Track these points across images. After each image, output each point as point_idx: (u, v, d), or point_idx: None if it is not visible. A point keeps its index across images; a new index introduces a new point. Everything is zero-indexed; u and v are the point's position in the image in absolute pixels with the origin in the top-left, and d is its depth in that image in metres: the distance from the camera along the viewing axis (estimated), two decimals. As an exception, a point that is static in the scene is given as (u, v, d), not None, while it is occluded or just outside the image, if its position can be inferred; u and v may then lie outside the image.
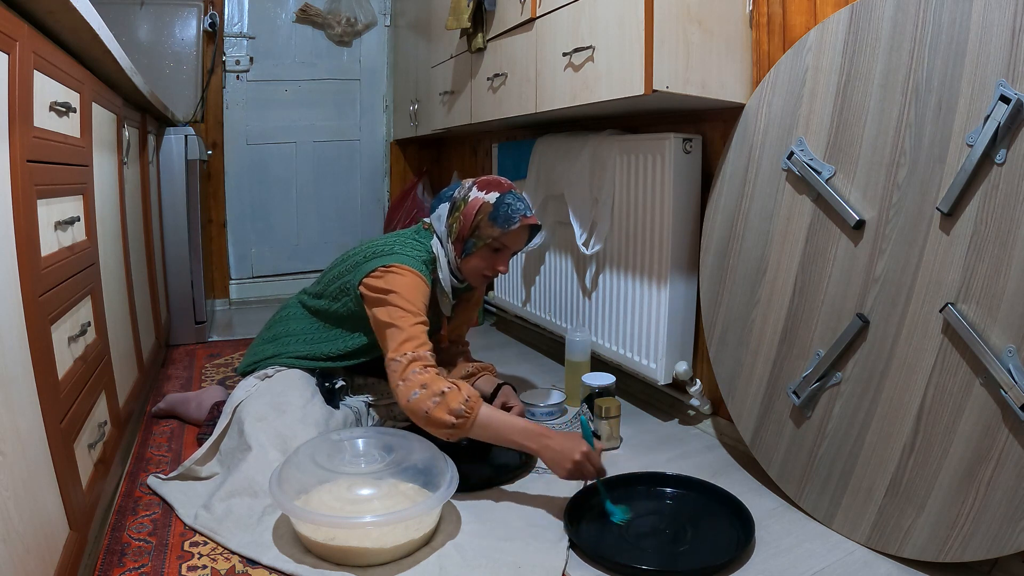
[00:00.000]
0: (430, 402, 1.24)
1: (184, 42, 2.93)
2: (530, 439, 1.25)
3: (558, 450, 1.23)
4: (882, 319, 1.17)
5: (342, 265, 1.53)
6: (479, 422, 1.25)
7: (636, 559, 1.14)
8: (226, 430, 1.41)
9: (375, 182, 3.47)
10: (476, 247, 1.48)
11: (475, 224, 1.47)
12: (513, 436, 1.26)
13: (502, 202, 1.47)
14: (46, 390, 0.91)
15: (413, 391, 1.25)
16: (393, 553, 1.11)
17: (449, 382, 1.27)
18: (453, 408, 1.23)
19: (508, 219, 1.46)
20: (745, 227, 1.44)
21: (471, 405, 1.24)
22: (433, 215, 1.56)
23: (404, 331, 1.32)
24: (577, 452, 1.22)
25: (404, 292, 1.37)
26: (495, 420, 1.26)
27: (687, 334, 1.69)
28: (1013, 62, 0.98)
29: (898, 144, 1.14)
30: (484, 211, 1.47)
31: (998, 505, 0.99)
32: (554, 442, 1.24)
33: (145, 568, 1.09)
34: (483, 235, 1.47)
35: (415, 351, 1.30)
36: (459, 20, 2.07)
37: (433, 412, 1.23)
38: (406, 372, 1.27)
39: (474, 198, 1.49)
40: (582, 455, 1.22)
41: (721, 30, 1.45)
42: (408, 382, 1.26)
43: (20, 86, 0.86)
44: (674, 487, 1.36)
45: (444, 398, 1.24)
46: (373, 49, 3.35)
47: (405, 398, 1.26)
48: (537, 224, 1.54)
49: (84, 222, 1.22)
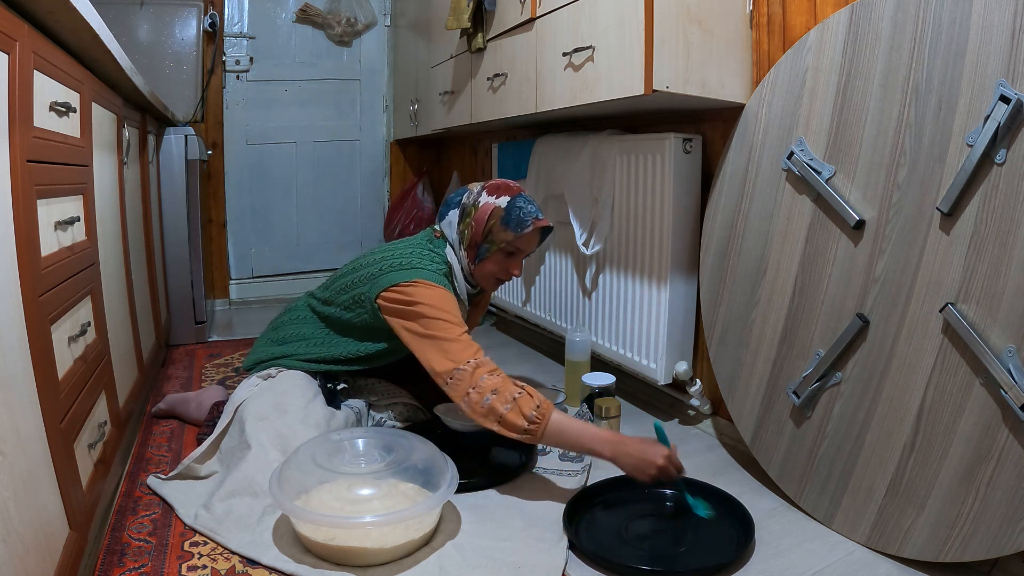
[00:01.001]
0: (503, 408, 1.24)
1: (184, 42, 2.93)
2: (605, 446, 1.25)
3: (638, 456, 1.23)
4: (882, 319, 1.17)
5: (354, 275, 1.50)
6: (551, 428, 1.25)
7: (636, 560, 1.14)
8: (227, 429, 1.41)
9: (375, 182, 3.47)
10: (489, 252, 1.48)
11: (488, 229, 1.47)
12: (587, 442, 1.25)
13: (514, 206, 1.47)
14: (46, 390, 0.91)
15: (485, 397, 1.25)
16: (393, 553, 1.11)
17: (519, 386, 1.27)
18: (526, 414, 1.24)
19: (521, 222, 1.46)
20: (745, 227, 1.44)
21: (542, 412, 1.25)
22: (443, 222, 1.55)
23: (456, 341, 1.31)
24: (660, 457, 1.22)
25: (437, 303, 1.36)
26: (568, 427, 1.26)
27: (687, 334, 1.69)
28: (1013, 62, 0.98)
29: (898, 144, 1.14)
30: (496, 216, 1.47)
31: (998, 505, 0.99)
32: (631, 448, 1.24)
33: (145, 568, 1.09)
34: (496, 240, 1.47)
35: (475, 357, 1.30)
36: (459, 20, 2.07)
37: (507, 416, 1.24)
38: (475, 379, 1.27)
39: (485, 203, 1.48)
40: (665, 459, 1.22)
41: (721, 30, 1.45)
42: (479, 388, 1.26)
43: (20, 86, 0.86)
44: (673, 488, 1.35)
45: (516, 403, 1.24)
46: (373, 49, 3.35)
47: (478, 404, 1.25)
48: (549, 226, 1.54)
49: (84, 222, 1.21)
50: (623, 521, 1.25)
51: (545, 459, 1.50)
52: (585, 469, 1.44)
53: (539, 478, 1.42)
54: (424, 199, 3.31)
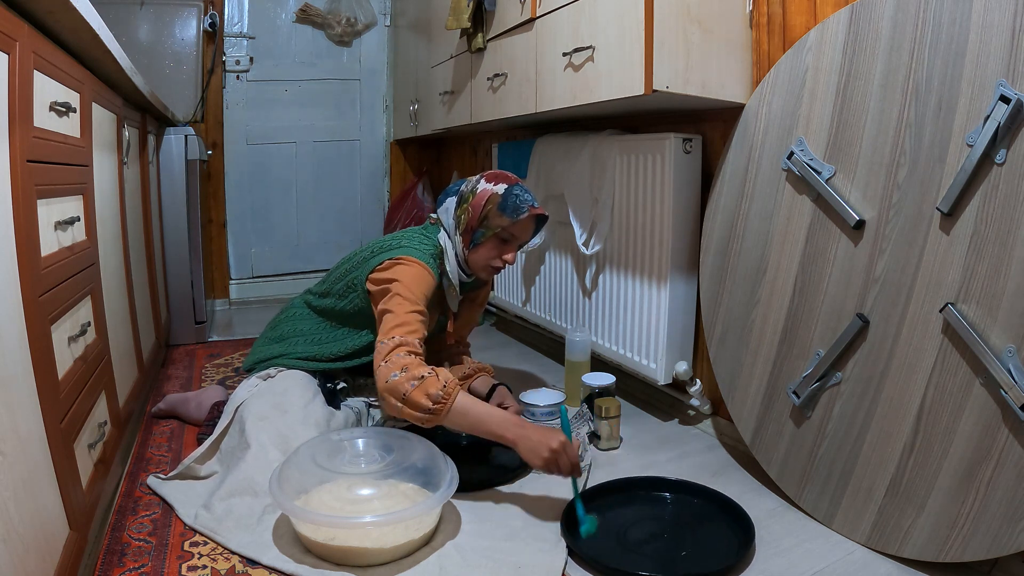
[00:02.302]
0: (408, 384, 1.22)
1: (184, 42, 2.93)
2: (507, 429, 1.24)
3: (535, 440, 1.22)
4: (882, 319, 1.17)
5: (348, 263, 1.54)
6: (456, 408, 1.23)
7: (634, 565, 1.13)
8: (227, 429, 1.41)
9: (375, 182, 3.47)
10: (485, 237, 1.49)
11: (484, 214, 1.48)
12: (490, 426, 1.25)
13: (511, 193, 1.48)
14: (46, 390, 0.91)
15: (392, 372, 1.23)
16: (393, 553, 1.11)
17: (429, 368, 1.26)
18: (431, 393, 1.22)
19: (517, 209, 1.47)
20: (745, 227, 1.44)
21: (448, 391, 1.23)
22: (440, 208, 1.57)
23: (397, 316, 1.32)
24: (555, 441, 1.21)
25: (406, 281, 1.37)
26: (473, 409, 1.25)
27: (687, 334, 1.69)
28: (1013, 62, 0.98)
29: (898, 144, 1.14)
30: (493, 201, 1.48)
31: (998, 505, 0.99)
32: (531, 431, 1.23)
33: (145, 568, 1.09)
34: (492, 225, 1.48)
35: (403, 336, 1.29)
36: (459, 20, 2.07)
37: (411, 394, 1.22)
38: (390, 354, 1.26)
39: (483, 189, 1.50)
40: (560, 444, 1.21)
41: (721, 30, 1.45)
42: (389, 364, 1.25)
43: (20, 86, 0.86)
44: (673, 491, 1.35)
45: (423, 382, 1.23)
46: (373, 49, 3.35)
47: (384, 379, 1.24)
48: (544, 215, 1.54)
49: (84, 222, 1.22)
50: (622, 526, 1.24)
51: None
52: (585, 470, 1.44)
53: (539, 478, 1.42)
54: (424, 199, 3.31)
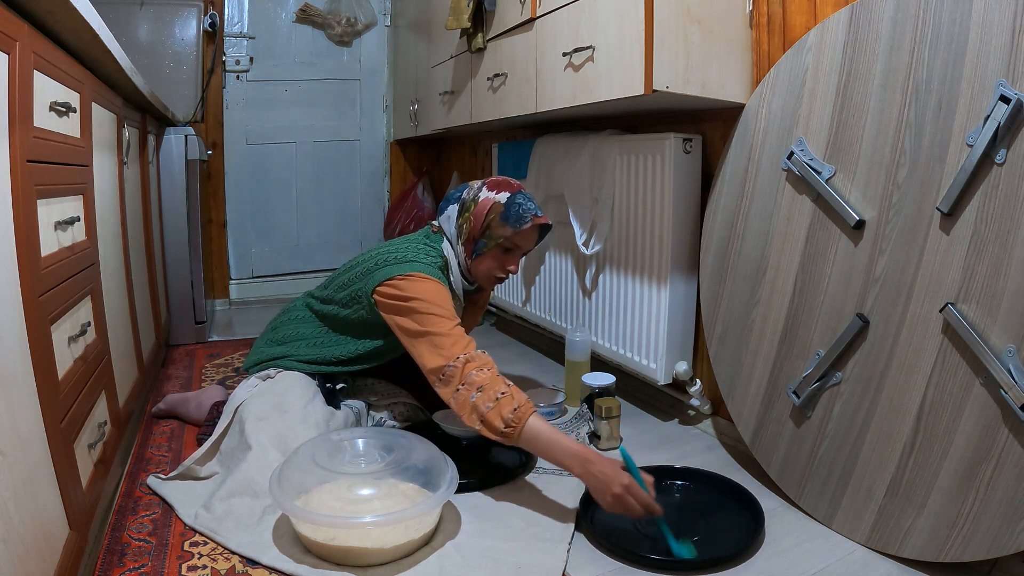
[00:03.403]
0: (484, 407, 1.22)
1: (184, 42, 2.93)
2: (575, 462, 1.19)
3: (601, 480, 1.16)
4: (882, 319, 1.17)
5: (351, 272, 1.51)
6: (525, 434, 1.21)
7: (648, 549, 1.15)
8: (227, 430, 1.41)
9: (375, 182, 3.47)
10: (487, 247, 1.48)
11: (486, 224, 1.47)
12: (557, 455, 1.21)
13: (513, 202, 1.47)
14: (46, 390, 0.91)
15: (471, 395, 1.23)
16: (393, 553, 1.11)
17: (505, 384, 1.25)
18: (504, 416, 1.21)
19: (520, 218, 1.46)
20: (745, 227, 1.44)
21: (519, 415, 1.21)
22: (442, 217, 1.55)
23: (448, 336, 1.30)
24: (617, 485, 1.14)
25: (431, 298, 1.35)
26: (542, 436, 1.21)
27: (687, 334, 1.69)
28: (1013, 62, 0.98)
29: (898, 144, 1.14)
30: (495, 211, 1.47)
31: (998, 505, 0.99)
32: (596, 468, 1.17)
33: (145, 568, 1.09)
34: (494, 235, 1.47)
35: (466, 352, 1.28)
36: (459, 20, 2.07)
37: (487, 416, 1.22)
38: (464, 375, 1.25)
39: (484, 198, 1.48)
40: (622, 489, 1.14)
41: (721, 30, 1.45)
42: (467, 385, 1.24)
43: (20, 86, 0.86)
44: (683, 479, 1.38)
45: (498, 403, 1.22)
46: (373, 49, 3.35)
47: (465, 402, 1.24)
48: (548, 224, 1.53)
49: (84, 222, 1.21)
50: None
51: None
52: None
53: (539, 478, 1.42)
54: (424, 199, 3.31)
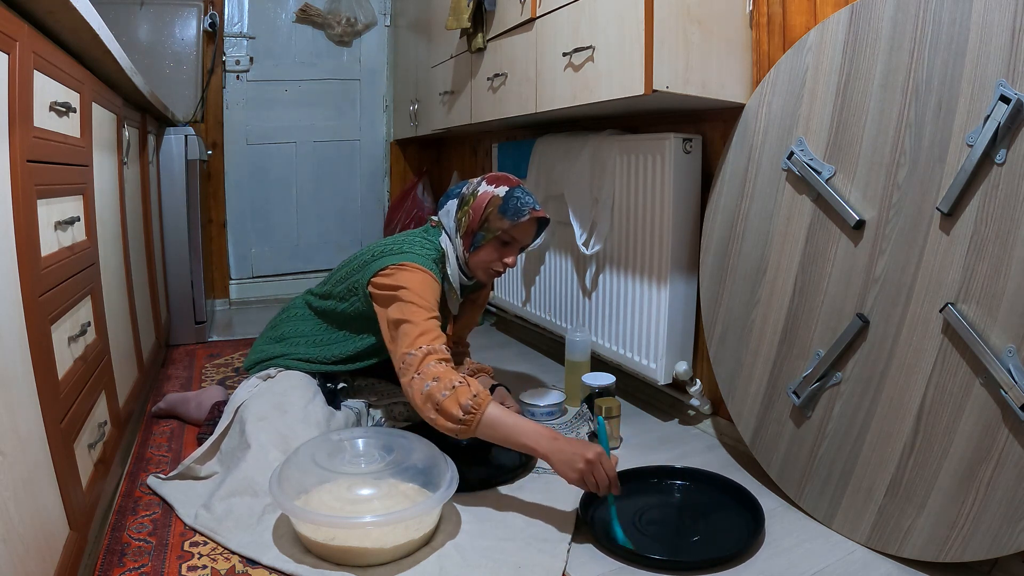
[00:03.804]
0: (440, 395, 1.21)
1: (184, 42, 2.93)
2: (539, 442, 1.20)
3: (569, 452, 1.18)
4: (882, 319, 1.17)
5: (349, 266, 1.53)
6: (486, 420, 1.21)
7: (647, 548, 1.16)
8: (227, 430, 1.41)
9: (375, 182, 3.47)
10: (485, 240, 1.49)
11: (485, 217, 1.48)
12: (521, 438, 1.20)
13: (511, 195, 1.48)
14: (46, 390, 0.91)
15: (426, 383, 1.23)
16: (393, 553, 1.11)
17: (461, 377, 1.24)
18: (462, 403, 1.20)
19: (518, 211, 1.47)
20: (745, 227, 1.44)
21: (478, 402, 1.21)
22: (441, 211, 1.56)
23: (418, 325, 1.30)
24: (590, 452, 1.17)
25: (415, 288, 1.36)
26: (503, 420, 1.21)
27: (687, 334, 1.69)
28: (1013, 62, 0.98)
29: (898, 144, 1.14)
30: (494, 204, 1.47)
31: (998, 505, 0.99)
32: (564, 444, 1.19)
33: (145, 568, 1.09)
34: (492, 228, 1.48)
35: (430, 344, 1.28)
36: (459, 20, 2.07)
37: (443, 404, 1.21)
38: (422, 365, 1.25)
39: (483, 192, 1.49)
40: (595, 455, 1.17)
41: (721, 30, 1.45)
42: (422, 375, 1.24)
43: (20, 86, 0.86)
44: (683, 479, 1.39)
45: (455, 392, 1.21)
46: (373, 49, 3.35)
47: (419, 391, 1.23)
48: (545, 218, 1.54)
49: (84, 222, 1.21)
50: (636, 512, 1.27)
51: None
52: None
53: (539, 478, 1.42)
54: (424, 199, 3.31)
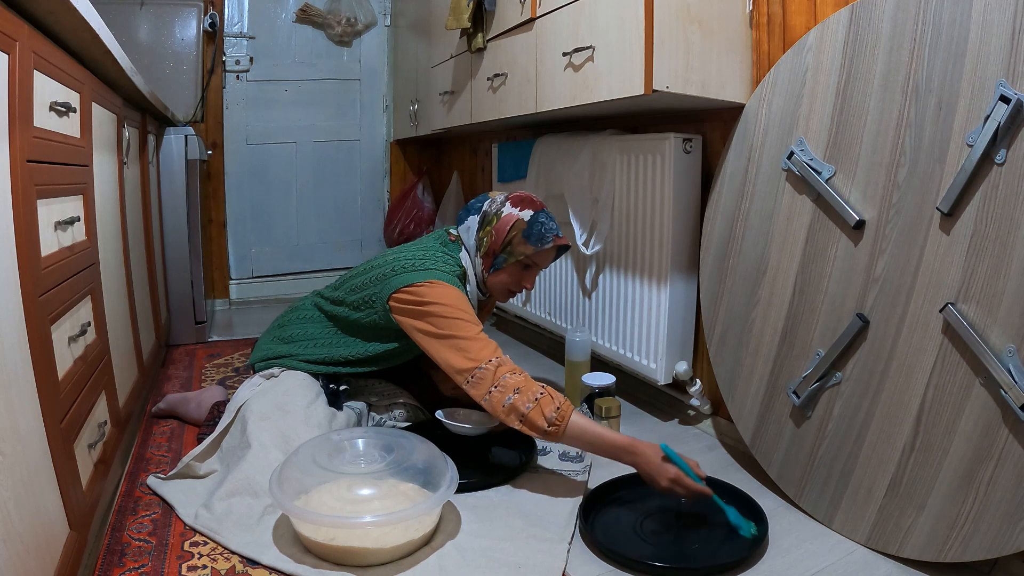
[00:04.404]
0: (524, 407, 1.26)
1: (184, 42, 2.93)
2: (623, 456, 1.26)
3: (648, 475, 1.24)
4: (882, 319, 1.17)
5: (365, 276, 1.50)
6: (570, 431, 1.26)
7: (650, 556, 1.15)
8: (228, 428, 1.41)
9: (375, 182, 3.47)
10: (506, 263, 1.49)
11: (508, 240, 1.48)
12: (604, 449, 1.27)
13: (536, 220, 1.48)
14: (46, 390, 0.91)
15: (507, 396, 1.27)
16: (393, 553, 1.11)
17: (541, 386, 1.29)
18: (547, 415, 1.25)
19: (542, 238, 1.47)
20: (745, 227, 1.44)
21: (562, 414, 1.26)
22: (461, 227, 1.56)
23: (475, 339, 1.33)
24: (663, 479, 1.22)
25: (453, 303, 1.37)
26: (588, 431, 1.27)
27: (687, 334, 1.69)
28: (1013, 62, 0.98)
29: (898, 144, 1.14)
30: (518, 228, 1.48)
31: (998, 505, 0.99)
32: (641, 461, 1.25)
33: (145, 568, 1.09)
34: (515, 252, 1.48)
35: (495, 356, 1.31)
36: (459, 20, 2.07)
37: (529, 415, 1.26)
38: (497, 377, 1.29)
39: (508, 214, 1.49)
40: (669, 482, 1.21)
41: (721, 30, 1.45)
42: (501, 387, 1.28)
43: (20, 86, 0.86)
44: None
45: (538, 403, 1.26)
46: (373, 49, 3.35)
47: (500, 403, 1.27)
48: (567, 244, 1.55)
49: (84, 222, 1.22)
50: (638, 518, 1.26)
51: (545, 459, 1.50)
52: (585, 470, 1.44)
53: (539, 478, 1.42)
54: (424, 199, 3.31)
